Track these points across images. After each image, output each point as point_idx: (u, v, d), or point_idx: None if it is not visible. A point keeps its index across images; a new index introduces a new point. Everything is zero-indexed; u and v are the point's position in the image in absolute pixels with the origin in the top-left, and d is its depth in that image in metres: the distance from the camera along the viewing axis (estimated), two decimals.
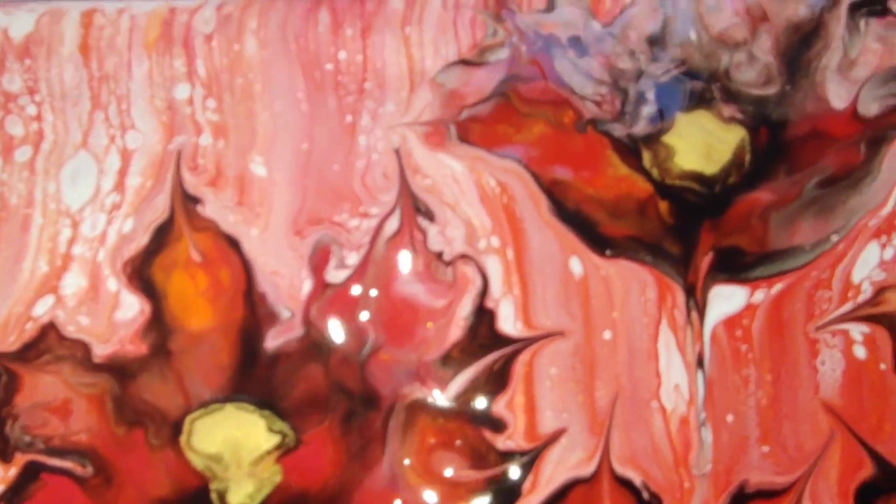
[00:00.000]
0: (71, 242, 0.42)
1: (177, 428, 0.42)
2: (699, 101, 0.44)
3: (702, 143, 0.44)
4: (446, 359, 0.42)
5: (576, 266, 0.43)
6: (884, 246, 0.43)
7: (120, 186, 0.43)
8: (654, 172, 0.44)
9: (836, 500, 0.42)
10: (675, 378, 0.42)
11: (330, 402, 0.42)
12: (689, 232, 0.43)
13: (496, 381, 0.42)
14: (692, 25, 0.44)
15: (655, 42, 0.44)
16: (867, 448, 0.42)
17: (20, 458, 0.41)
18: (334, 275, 0.43)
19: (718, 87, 0.44)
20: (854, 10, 0.44)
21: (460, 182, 0.43)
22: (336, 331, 0.42)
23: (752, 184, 0.44)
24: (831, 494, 0.42)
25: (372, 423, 0.42)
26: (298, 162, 0.43)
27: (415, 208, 0.43)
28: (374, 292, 0.42)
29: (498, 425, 0.42)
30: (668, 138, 0.44)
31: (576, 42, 0.44)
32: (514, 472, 0.42)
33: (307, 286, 0.42)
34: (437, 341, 0.42)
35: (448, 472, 0.42)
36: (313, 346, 0.42)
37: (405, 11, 0.44)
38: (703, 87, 0.44)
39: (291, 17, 0.44)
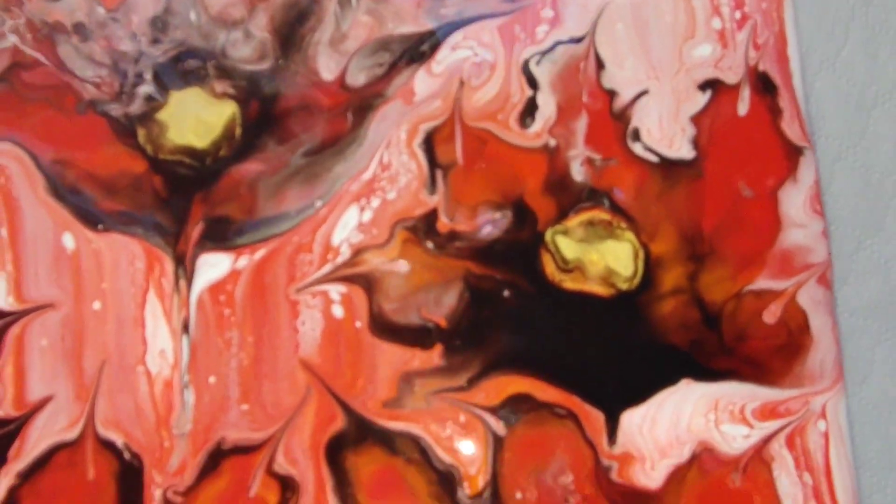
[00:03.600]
0: None
1: None
2: (194, 79, 0.46)
3: (193, 119, 0.46)
4: None
5: (68, 241, 0.45)
6: (363, 209, 0.45)
7: None
8: (149, 149, 0.46)
9: (308, 453, 0.44)
10: (161, 344, 0.44)
11: None
12: (181, 204, 0.45)
13: None
14: (192, 7, 0.46)
15: (157, 24, 0.46)
16: (340, 402, 0.44)
17: None
18: None
19: (213, 64, 0.46)
20: None
21: None
22: None
23: (242, 155, 0.46)
24: (304, 447, 0.44)
25: None
26: None
27: None
28: None
29: None
30: (162, 115, 0.46)
31: (80, 28, 0.46)
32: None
33: None
34: None
35: None
36: None
37: None
38: (198, 65, 0.46)
39: None
